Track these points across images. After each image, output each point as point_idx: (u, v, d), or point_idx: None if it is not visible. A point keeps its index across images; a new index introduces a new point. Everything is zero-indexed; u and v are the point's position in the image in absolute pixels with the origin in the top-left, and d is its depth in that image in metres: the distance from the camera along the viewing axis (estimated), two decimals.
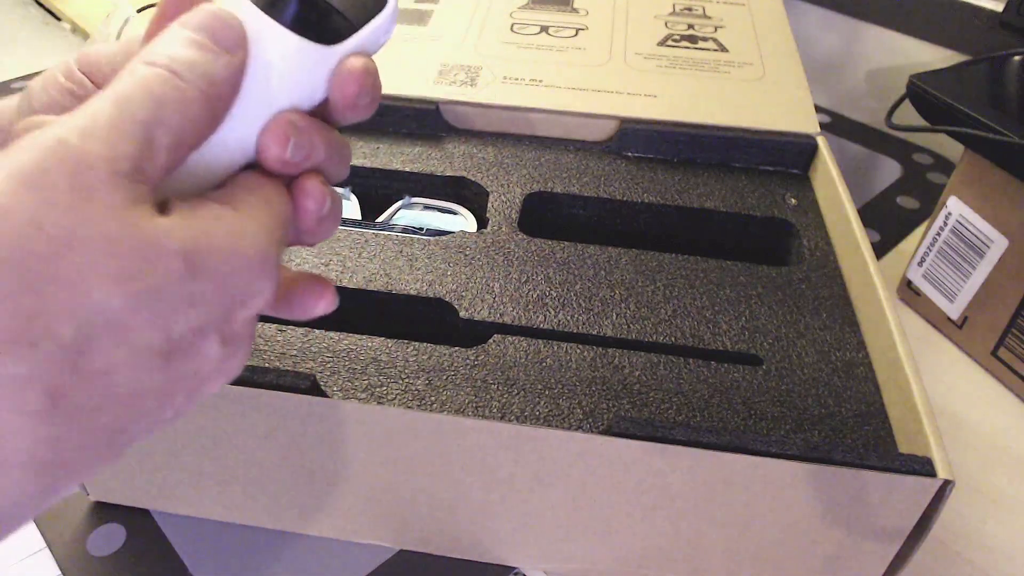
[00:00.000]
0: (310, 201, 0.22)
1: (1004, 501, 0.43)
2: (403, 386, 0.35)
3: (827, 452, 0.31)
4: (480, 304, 0.39)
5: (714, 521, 0.34)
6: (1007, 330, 0.47)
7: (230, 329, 0.20)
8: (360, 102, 0.22)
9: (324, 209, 0.22)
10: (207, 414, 0.34)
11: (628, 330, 0.39)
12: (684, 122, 0.50)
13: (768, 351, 0.38)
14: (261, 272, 0.20)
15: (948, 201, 0.49)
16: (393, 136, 0.51)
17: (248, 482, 0.37)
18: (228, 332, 0.20)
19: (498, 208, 0.46)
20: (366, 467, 0.35)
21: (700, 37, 0.58)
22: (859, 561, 0.34)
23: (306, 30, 0.21)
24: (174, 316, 0.18)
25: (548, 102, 0.51)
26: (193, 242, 0.18)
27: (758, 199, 0.47)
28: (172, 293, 0.18)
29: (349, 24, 0.22)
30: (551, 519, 0.35)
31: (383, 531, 0.38)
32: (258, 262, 0.20)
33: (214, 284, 0.19)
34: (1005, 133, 0.42)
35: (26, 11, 0.89)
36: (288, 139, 0.21)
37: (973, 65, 0.51)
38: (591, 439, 0.31)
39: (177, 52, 0.19)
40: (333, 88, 0.22)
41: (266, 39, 0.20)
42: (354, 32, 0.22)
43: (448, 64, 0.54)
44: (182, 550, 0.39)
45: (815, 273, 0.43)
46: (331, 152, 0.22)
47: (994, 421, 0.47)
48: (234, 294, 0.20)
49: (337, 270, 0.41)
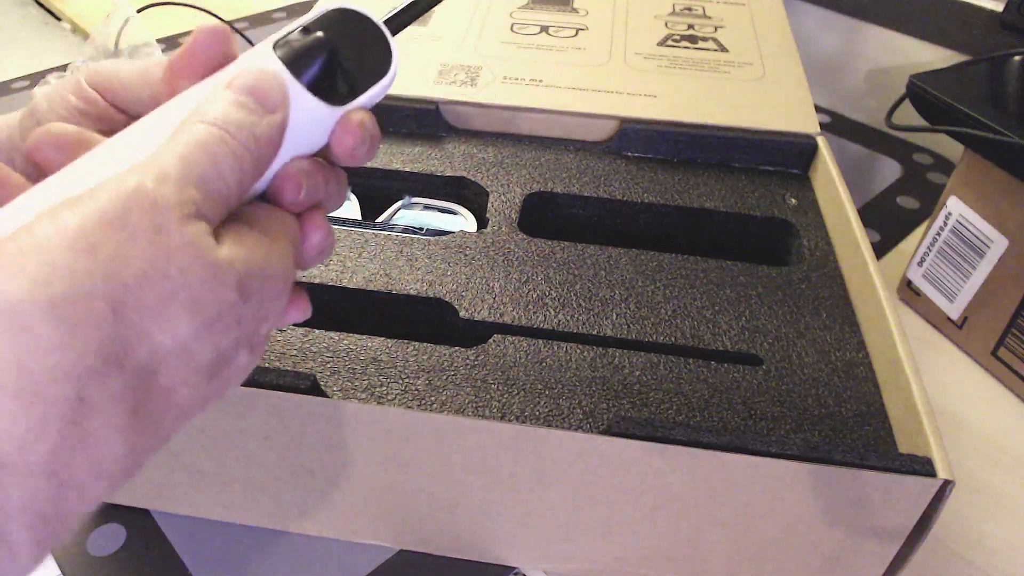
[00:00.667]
0: (316, 235, 0.24)
1: (1004, 501, 0.43)
2: (403, 386, 0.35)
3: (827, 452, 0.31)
4: (480, 304, 0.39)
5: (714, 521, 0.34)
6: (1007, 330, 0.47)
7: (256, 339, 0.23)
8: (357, 152, 0.24)
9: (326, 242, 0.25)
10: (207, 414, 0.34)
11: (628, 330, 0.39)
12: (684, 122, 0.50)
13: (768, 351, 0.38)
14: (285, 290, 0.23)
15: (948, 201, 0.49)
16: (393, 136, 0.51)
17: (248, 482, 0.37)
18: (255, 342, 0.23)
19: (498, 208, 0.46)
20: (366, 467, 0.35)
21: (700, 37, 0.58)
22: (859, 561, 0.34)
23: (321, 91, 0.23)
24: (225, 335, 0.21)
25: (548, 102, 0.51)
26: (245, 269, 0.21)
27: (758, 199, 0.47)
28: (226, 316, 0.20)
29: (357, 87, 0.24)
30: (551, 519, 0.35)
31: (383, 531, 0.38)
32: (284, 282, 0.23)
33: (254, 305, 0.21)
34: (1005, 133, 0.42)
35: (26, 11, 0.89)
36: (301, 186, 0.23)
37: (973, 65, 0.51)
38: (591, 439, 0.31)
39: (228, 113, 0.22)
40: (334, 140, 0.24)
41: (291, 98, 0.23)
42: (360, 94, 0.24)
43: (448, 64, 0.54)
44: (182, 550, 0.39)
45: (815, 273, 0.43)
46: (330, 189, 0.25)
47: (994, 421, 0.47)
48: (267, 311, 0.22)
49: (337, 270, 0.41)
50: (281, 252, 0.22)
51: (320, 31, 0.24)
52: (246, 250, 0.21)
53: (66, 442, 0.18)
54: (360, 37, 0.24)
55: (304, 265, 0.25)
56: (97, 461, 0.18)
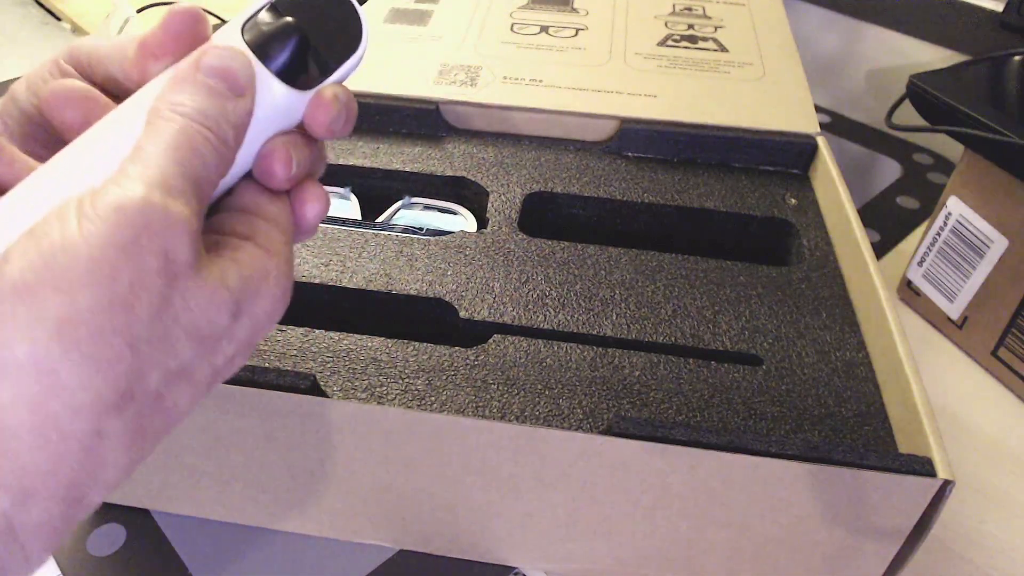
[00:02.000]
0: (316, 204, 0.24)
1: (1004, 501, 0.43)
2: (403, 386, 0.35)
3: (827, 452, 0.31)
4: (480, 304, 0.39)
5: (714, 521, 0.34)
6: (1007, 330, 0.47)
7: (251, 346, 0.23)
8: (334, 127, 0.24)
9: (326, 208, 0.25)
10: (207, 414, 0.34)
11: (628, 330, 0.39)
12: (684, 122, 0.50)
13: (768, 351, 0.38)
14: (281, 305, 0.23)
15: (948, 201, 0.49)
16: (393, 136, 0.51)
17: (248, 482, 0.37)
18: (250, 348, 0.23)
19: (498, 208, 0.46)
20: (366, 467, 0.35)
21: (700, 37, 0.58)
22: (859, 561, 0.34)
23: (290, 77, 0.23)
24: (224, 353, 0.21)
25: (548, 102, 0.51)
26: (240, 290, 0.21)
27: (758, 199, 0.47)
28: (224, 336, 0.21)
29: (328, 66, 0.24)
30: (551, 519, 0.35)
31: (383, 531, 0.38)
32: (280, 298, 0.23)
33: (250, 321, 0.22)
34: (1005, 133, 0.42)
35: (26, 11, 0.89)
36: (291, 161, 0.23)
37: (973, 65, 0.51)
38: (591, 439, 0.31)
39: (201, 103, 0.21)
40: (308, 117, 0.24)
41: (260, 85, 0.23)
42: (332, 72, 0.24)
43: (448, 64, 0.54)
44: (182, 550, 0.39)
45: (815, 273, 0.43)
46: (315, 155, 0.25)
47: (994, 421, 0.47)
48: (261, 326, 0.22)
49: (337, 270, 0.41)
50: (277, 262, 0.22)
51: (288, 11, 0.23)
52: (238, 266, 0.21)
53: (83, 469, 0.19)
54: (329, 10, 0.24)
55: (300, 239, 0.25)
56: (104, 479, 0.19)
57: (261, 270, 0.22)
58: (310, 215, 0.24)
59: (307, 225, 0.24)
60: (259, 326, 0.22)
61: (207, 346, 0.21)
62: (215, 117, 0.21)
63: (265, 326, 0.23)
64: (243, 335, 0.22)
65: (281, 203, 0.24)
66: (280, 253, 0.22)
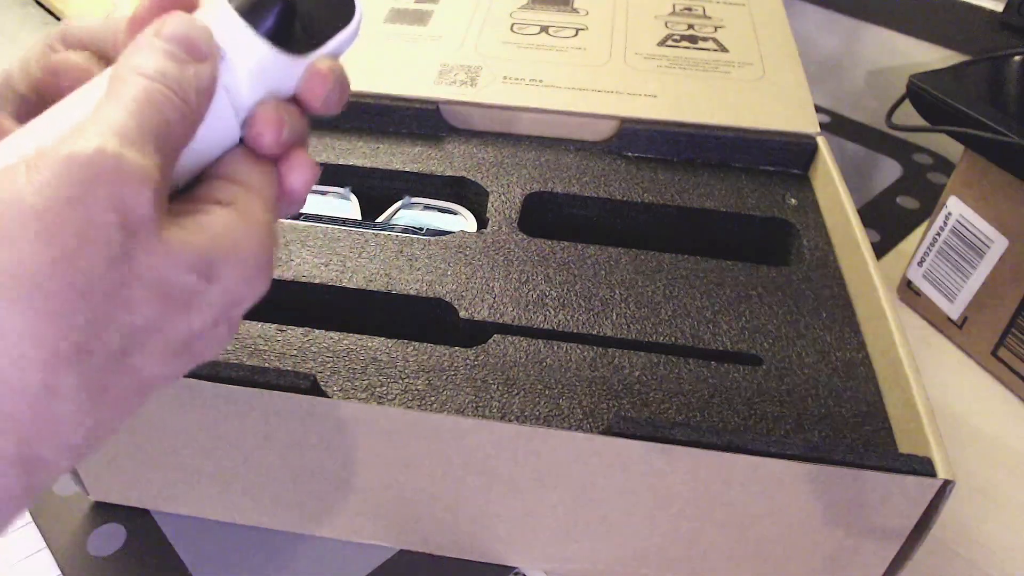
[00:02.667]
0: (304, 171, 0.24)
1: (1004, 501, 0.43)
2: (403, 386, 0.35)
3: (827, 452, 0.31)
4: (480, 304, 0.39)
5: (714, 521, 0.34)
6: (1007, 330, 0.47)
7: (234, 317, 0.22)
8: (329, 100, 0.24)
9: (315, 176, 0.24)
10: (207, 414, 0.34)
11: (628, 330, 0.39)
12: (684, 122, 0.50)
13: (768, 351, 0.38)
14: (259, 274, 0.22)
15: (948, 201, 0.49)
16: (393, 136, 0.51)
17: (248, 482, 0.37)
18: (232, 320, 0.22)
19: (498, 208, 0.46)
20: (366, 467, 0.35)
21: (700, 37, 0.58)
22: (859, 561, 0.34)
23: (280, 42, 0.23)
24: (197, 316, 0.21)
25: (548, 102, 0.51)
26: (209, 250, 0.20)
27: (758, 199, 0.47)
28: (194, 299, 0.20)
29: (319, 36, 0.24)
30: (551, 519, 0.35)
31: (383, 531, 0.38)
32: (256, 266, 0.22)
33: (224, 287, 0.21)
34: (1005, 133, 0.42)
35: (26, 11, 0.89)
36: (283, 124, 0.23)
37: (973, 65, 0.51)
38: (591, 439, 0.31)
39: (160, 65, 0.21)
40: (302, 88, 0.24)
41: (245, 47, 0.23)
42: (323, 44, 0.24)
43: (448, 64, 0.54)
44: (182, 550, 0.39)
45: (815, 273, 0.43)
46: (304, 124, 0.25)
47: (994, 421, 0.47)
48: (241, 294, 0.22)
49: (337, 270, 0.41)
50: (255, 230, 0.22)
51: None
52: (209, 234, 0.21)
53: (34, 428, 0.18)
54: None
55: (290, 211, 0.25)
56: (64, 441, 0.19)
57: (232, 234, 0.21)
58: (298, 183, 0.24)
59: (296, 194, 0.24)
60: (238, 294, 0.22)
61: (175, 306, 0.20)
62: (175, 78, 0.21)
63: (245, 295, 0.22)
64: (220, 301, 0.21)
65: (266, 171, 0.24)
66: (259, 221, 0.22)
